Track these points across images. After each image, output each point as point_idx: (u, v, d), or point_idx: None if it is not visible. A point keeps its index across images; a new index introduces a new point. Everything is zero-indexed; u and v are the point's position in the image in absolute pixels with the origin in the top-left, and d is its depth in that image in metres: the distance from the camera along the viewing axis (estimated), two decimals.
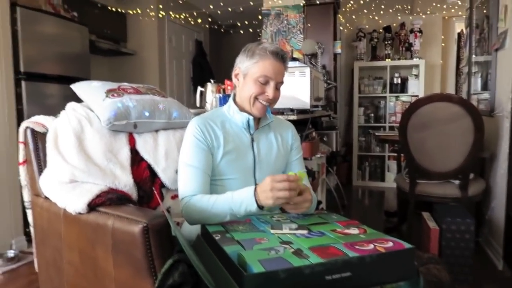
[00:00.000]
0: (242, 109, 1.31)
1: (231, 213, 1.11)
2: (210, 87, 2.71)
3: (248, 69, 1.26)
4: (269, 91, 1.24)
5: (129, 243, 1.09)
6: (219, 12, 4.79)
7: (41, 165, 1.39)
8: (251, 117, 1.29)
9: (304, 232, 1.08)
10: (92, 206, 1.20)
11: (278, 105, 1.38)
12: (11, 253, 2.48)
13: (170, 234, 1.10)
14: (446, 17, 4.97)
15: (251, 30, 4.68)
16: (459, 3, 4.27)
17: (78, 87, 1.56)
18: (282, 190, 1.03)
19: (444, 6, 4.53)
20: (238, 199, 1.10)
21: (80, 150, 1.36)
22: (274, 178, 1.04)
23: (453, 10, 4.77)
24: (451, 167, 2.46)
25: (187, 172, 1.23)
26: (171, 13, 4.49)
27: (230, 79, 2.68)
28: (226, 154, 1.27)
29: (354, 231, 1.09)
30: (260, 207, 1.08)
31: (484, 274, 2.31)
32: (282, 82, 1.29)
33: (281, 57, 1.25)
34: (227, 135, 1.29)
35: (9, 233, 2.62)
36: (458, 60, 4.88)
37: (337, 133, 3.48)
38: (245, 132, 1.32)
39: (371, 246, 0.95)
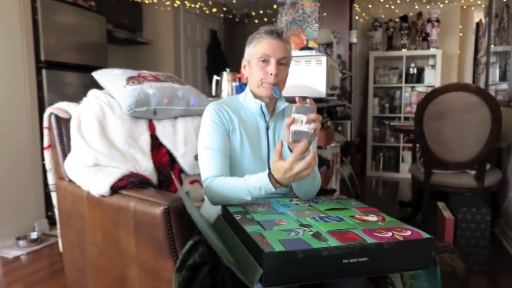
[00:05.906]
0: (256, 97, 1.33)
1: (251, 196, 1.13)
2: (226, 76, 2.72)
3: (250, 55, 1.30)
4: (270, 68, 1.26)
5: (150, 225, 1.13)
6: (234, 1, 4.78)
7: (65, 149, 1.44)
8: (263, 103, 1.31)
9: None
10: (115, 189, 1.24)
11: (293, 93, 1.39)
12: (34, 235, 2.58)
13: (190, 216, 1.14)
14: (465, 7, 4.87)
15: (266, 19, 4.66)
16: None
17: (99, 75, 1.61)
18: (306, 170, 1.06)
19: None
20: (255, 184, 1.12)
21: (102, 135, 1.40)
22: (294, 163, 1.06)
23: (471, 0, 4.67)
24: (468, 157, 2.44)
25: (207, 155, 1.26)
26: (186, 2, 4.50)
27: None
28: (241, 140, 1.30)
29: (372, 218, 1.10)
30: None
31: (499, 264, 2.30)
32: (285, 58, 1.28)
33: (277, 34, 1.27)
34: (242, 121, 1.32)
35: (32, 216, 2.72)
36: (476, 50, 4.79)
37: (351, 123, 3.48)
38: (260, 120, 1.34)
39: (389, 234, 0.96)
